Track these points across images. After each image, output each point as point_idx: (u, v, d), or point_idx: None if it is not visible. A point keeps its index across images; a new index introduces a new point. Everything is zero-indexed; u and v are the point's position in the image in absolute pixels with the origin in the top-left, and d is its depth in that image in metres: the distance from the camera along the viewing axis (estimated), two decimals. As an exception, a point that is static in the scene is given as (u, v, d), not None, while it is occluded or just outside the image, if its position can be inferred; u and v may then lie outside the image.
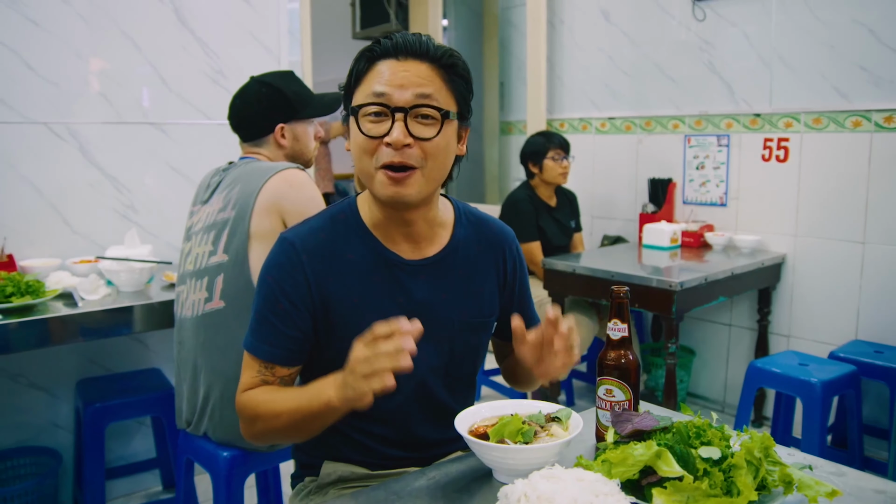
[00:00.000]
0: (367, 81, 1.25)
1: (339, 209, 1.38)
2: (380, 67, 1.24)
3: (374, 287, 1.33)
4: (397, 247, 1.35)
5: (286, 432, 1.29)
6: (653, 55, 3.94)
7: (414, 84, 1.22)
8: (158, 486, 2.93)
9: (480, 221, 1.47)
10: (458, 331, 1.40)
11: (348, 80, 1.30)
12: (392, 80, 1.22)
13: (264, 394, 1.30)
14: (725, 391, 3.79)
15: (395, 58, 1.23)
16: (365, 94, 1.24)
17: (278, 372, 1.33)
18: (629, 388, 1.25)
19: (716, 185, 3.72)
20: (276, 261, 1.32)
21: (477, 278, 1.43)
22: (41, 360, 2.72)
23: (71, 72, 2.74)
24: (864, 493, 1.10)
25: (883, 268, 3.11)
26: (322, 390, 1.19)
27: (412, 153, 1.22)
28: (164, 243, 2.97)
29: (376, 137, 1.22)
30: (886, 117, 3.07)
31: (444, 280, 1.38)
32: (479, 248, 1.44)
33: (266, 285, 1.32)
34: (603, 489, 0.98)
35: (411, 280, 1.35)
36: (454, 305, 1.39)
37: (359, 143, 1.25)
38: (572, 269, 3.25)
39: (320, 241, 1.32)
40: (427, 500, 1.12)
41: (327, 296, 1.31)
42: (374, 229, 1.35)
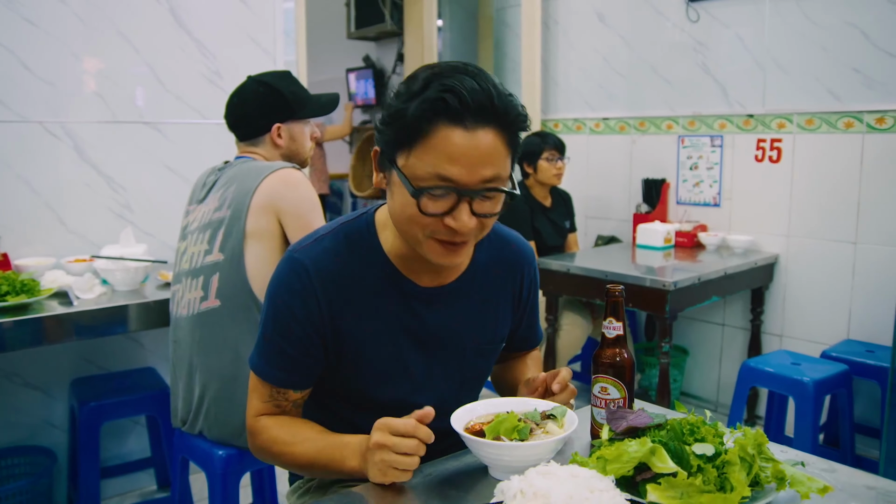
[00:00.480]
0: (427, 149, 1.10)
1: (354, 228, 1.31)
2: (444, 136, 1.09)
3: (387, 316, 1.29)
4: (415, 274, 1.30)
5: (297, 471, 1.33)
6: (647, 56, 3.96)
7: (483, 163, 1.11)
8: (153, 485, 2.92)
9: (501, 241, 1.42)
10: (469, 357, 1.39)
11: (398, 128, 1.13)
12: (461, 158, 1.10)
13: (281, 429, 1.30)
14: (718, 390, 3.81)
15: (463, 125, 1.09)
16: (426, 168, 1.11)
17: (290, 397, 1.32)
18: (624, 386, 1.26)
19: (709, 186, 3.74)
20: (289, 285, 1.26)
21: (492, 301, 1.40)
22: (36, 360, 2.72)
23: (67, 71, 2.74)
24: (855, 489, 1.12)
25: (875, 268, 3.14)
26: (346, 456, 1.20)
27: (471, 231, 1.16)
28: (159, 242, 2.97)
29: (439, 216, 1.14)
30: (878, 118, 3.09)
31: (460, 306, 1.35)
32: (497, 270, 1.40)
33: (276, 309, 1.27)
34: (598, 485, 0.99)
35: (425, 308, 1.31)
36: (467, 331, 1.37)
37: (410, 214, 1.15)
38: (567, 269, 3.26)
39: (334, 264, 1.26)
40: (424, 497, 1.13)
41: (339, 323, 1.27)
42: (392, 256, 1.29)
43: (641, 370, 3.85)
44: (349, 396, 1.35)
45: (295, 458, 1.27)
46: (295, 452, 1.27)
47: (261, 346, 1.30)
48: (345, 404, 1.37)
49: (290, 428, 1.30)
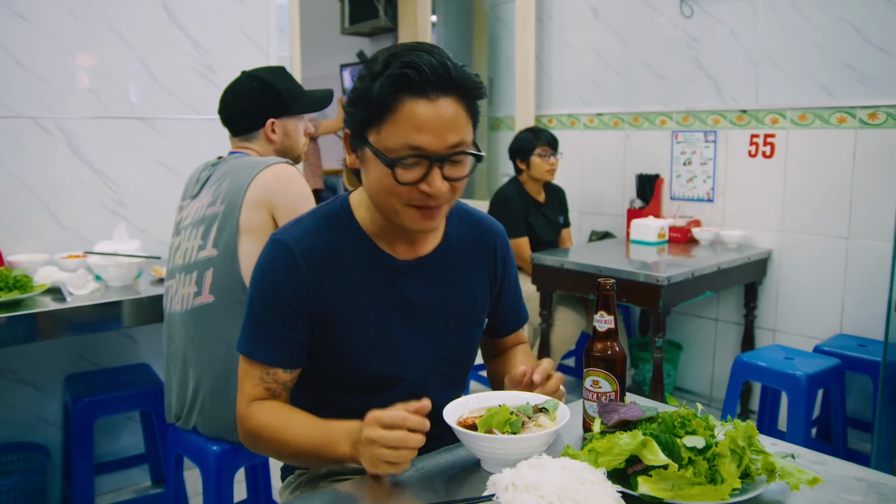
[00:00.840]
0: (396, 123, 1.18)
1: (331, 209, 1.37)
2: (410, 108, 1.17)
3: (369, 287, 1.33)
4: (392, 248, 1.36)
5: (287, 459, 1.33)
6: (641, 52, 3.96)
7: (448, 130, 1.19)
8: (147, 481, 2.92)
9: (472, 219, 1.48)
10: (451, 327, 1.42)
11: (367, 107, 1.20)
12: (427, 127, 1.17)
13: (272, 416, 1.30)
14: (712, 385, 3.83)
15: (426, 96, 1.17)
16: (397, 140, 1.18)
17: (280, 377, 1.33)
18: (616, 379, 1.26)
19: (703, 181, 3.74)
20: (273, 264, 1.30)
21: (469, 275, 1.44)
22: (29, 356, 2.71)
23: (59, 67, 2.73)
24: (845, 481, 1.13)
25: (867, 263, 3.15)
26: (337, 442, 1.20)
27: (444, 194, 1.22)
28: (152, 238, 2.97)
29: (413, 184, 1.20)
30: (871, 114, 3.10)
31: (438, 278, 1.39)
32: (470, 245, 1.45)
33: (262, 289, 1.31)
34: (589, 478, 0.99)
35: (405, 280, 1.36)
36: (447, 303, 1.40)
37: (386, 185, 1.21)
38: (560, 265, 3.27)
39: (315, 243, 1.32)
40: (416, 491, 1.13)
41: (323, 298, 1.31)
42: (369, 230, 1.35)
43: (635, 365, 3.86)
44: (337, 375, 1.37)
45: (286, 444, 1.28)
46: (286, 438, 1.27)
47: (248, 329, 1.33)
48: (333, 386, 1.38)
49: (281, 414, 1.31)
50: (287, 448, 1.28)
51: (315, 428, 1.26)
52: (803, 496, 1.07)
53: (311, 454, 1.26)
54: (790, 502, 1.06)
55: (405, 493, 1.12)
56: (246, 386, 1.33)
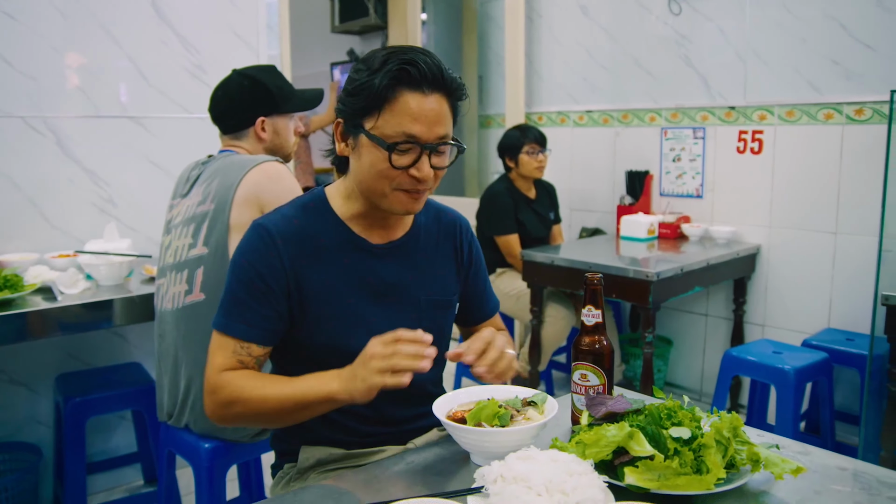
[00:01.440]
0: (394, 112, 1.29)
1: (308, 199, 1.46)
2: (407, 100, 1.28)
3: (345, 270, 1.41)
4: (366, 232, 1.44)
5: (268, 417, 1.33)
6: (630, 49, 3.98)
7: (437, 123, 1.31)
8: (140, 480, 2.92)
9: (438, 211, 1.59)
10: (424, 309, 1.49)
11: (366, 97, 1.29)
12: (421, 118, 1.29)
13: (248, 378, 1.33)
14: (702, 380, 3.85)
15: (421, 91, 1.29)
16: (394, 128, 1.28)
17: (254, 351, 1.36)
18: (603, 372, 1.28)
19: (692, 177, 3.77)
20: (251, 244, 1.37)
21: (438, 261, 1.53)
22: (20, 355, 2.71)
23: (48, 66, 2.72)
24: (828, 470, 1.14)
25: (854, 257, 3.18)
26: (324, 382, 1.26)
27: (429, 180, 1.34)
28: (143, 237, 2.97)
29: (405, 168, 1.31)
30: (857, 110, 3.13)
31: (410, 262, 1.48)
32: (437, 233, 1.55)
33: (240, 267, 1.37)
34: (577, 469, 1.00)
35: (379, 262, 1.44)
36: (420, 285, 1.49)
37: (381, 170, 1.31)
38: (551, 261, 3.28)
39: (293, 226, 1.40)
40: (406, 483, 1.14)
41: (301, 277, 1.37)
42: (344, 217, 1.43)
43: (626, 360, 3.88)
44: (316, 354, 1.40)
45: (266, 399, 1.30)
46: (266, 394, 1.30)
47: (225, 306, 1.37)
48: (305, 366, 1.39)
49: (259, 375, 1.35)
50: (267, 402, 1.30)
51: (299, 379, 1.30)
52: (787, 485, 1.09)
53: (295, 401, 1.28)
54: (774, 492, 1.08)
55: (395, 486, 1.13)
56: (217, 358, 1.36)
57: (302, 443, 1.47)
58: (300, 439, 1.47)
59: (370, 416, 1.44)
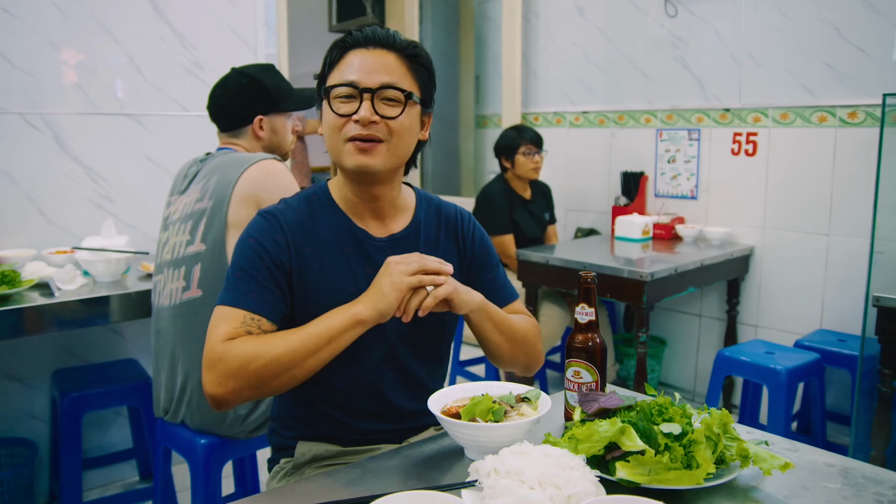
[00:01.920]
0: (339, 69, 1.37)
1: (311, 192, 1.49)
2: (351, 57, 1.37)
3: (345, 260, 1.43)
4: (366, 224, 1.46)
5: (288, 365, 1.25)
6: (626, 50, 4.00)
7: (380, 71, 1.35)
8: (135, 476, 2.93)
9: (438, 205, 1.60)
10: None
11: (322, 68, 1.42)
12: (361, 66, 1.35)
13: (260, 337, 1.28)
14: (696, 380, 3.87)
15: (365, 48, 1.37)
16: (335, 80, 1.37)
17: (264, 325, 1.31)
18: (596, 369, 1.29)
19: (686, 179, 3.79)
20: (258, 226, 1.40)
21: (439, 254, 1.52)
22: (17, 351, 2.72)
23: (46, 62, 2.73)
24: (815, 466, 1.16)
25: (846, 259, 3.21)
26: (347, 308, 1.30)
27: (378, 128, 1.35)
28: (140, 234, 2.98)
29: (346, 115, 1.34)
30: (850, 113, 3.15)
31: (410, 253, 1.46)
32: (438, 228, 1.55)
33: (248, 246, 1.37)
34: (569, 463, 1.02)
35: (380, 255, 1.43)
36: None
37: (329, 121, 1.37)
38: (546, 261, 3.30)
39: (297, 215, 1.42)
40: (401, 478, 1.16)
41: (304, 264, 1.39)
42: (345, 208, 1.46)
43: (620, 360, 3.90)
44: None
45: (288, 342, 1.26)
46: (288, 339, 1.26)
47: (231, 282, 1.34)
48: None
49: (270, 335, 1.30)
50: (291, 345, 1.25)
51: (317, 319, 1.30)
52: (775, 480, 1.11)
53: (320, 336, 1.25)
54: (763, 487, 1.09)
55: (391, 479, 1.15)
56: (221, 328, 1.29)
57: (299, 439, 1.48)
58: (297, 435, 1.48)
59: (368, 410, 1.44)
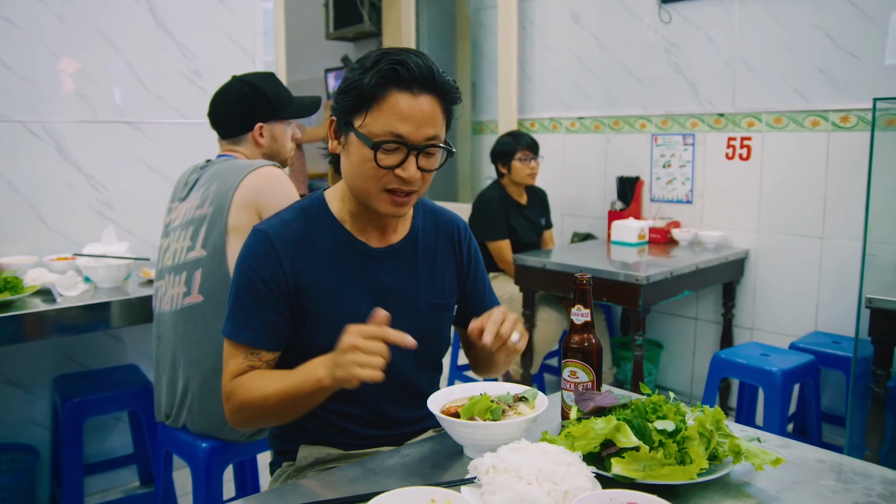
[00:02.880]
0: (382, 111, 1.30)
1: (308, 203, 1.48)
2: (396, 100, 1.29)
3: (344, 272, 1.42)
4: (365, 236, 1.46)
5: (274, 413, 1.36)
6: (621, 56, 4.04)
7: (427, 124, 1.31)
8: (136, 481, 2.94)
9: (435, 212, 1.60)
10: (422, 312, 1.50)
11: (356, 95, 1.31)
12: (409, 118, 1.29)
13: (253, 379, 1.36)
14: (692, 383, 3.90)
15: (411, 91, 1.30)
16: (381, 127, 1.29)
17: (264, 357, 1.40)
18: (592, 369, 1.32)
19: (682, 183, 3.82)
20: (252, 251, 1.39)
21: (437, 263, 1.54)
22: (18, 357, 2.73)
23: (47, 70, 2.76)
24: (806, 462, 1.19)
25: (840, 262, 3.24)
26: (312, 371, 1.27)
27: (416, 182, 1.34)
28: (140, 240, 3.00)
29: (391, 168, 1.31)
30: (843, 117, 3.19)
31: (408, 265, 1.49)
32: (436, 236, 1.56)
33: (243, 274, 1.39)
34: (566, 460, 1.05)
35: (378, 266, 1.45)
36: (418, 288, 1.49)
37: (367, 168, 1.32)
38: (542, 265, 3.33)
39: (293, 231, 1.41)
40: (401, 476, 1.18)
41: (301, 281, 1.39)
42: (343, 221, 1.45)
43: (617, 364, 3.92)
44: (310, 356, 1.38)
45: (269, 397, 1.32)
46: (268, 392, 1.32)
47: (232, 314, 1.40)
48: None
49: (264, 373, 1.38)
50: (271, 399, 1.32)
51: (291, 372, 1.32)
52: (767, 476, 1.13)
53: (293, 395, 1.30)
54: (755, 482, 1.12)
55: (391, 478, 1.17)
56: (231, 366, 1.39)
57: (301, 443, 1.50)
58: (299, 439, 1.50)
59: (368, 419, 1.46)
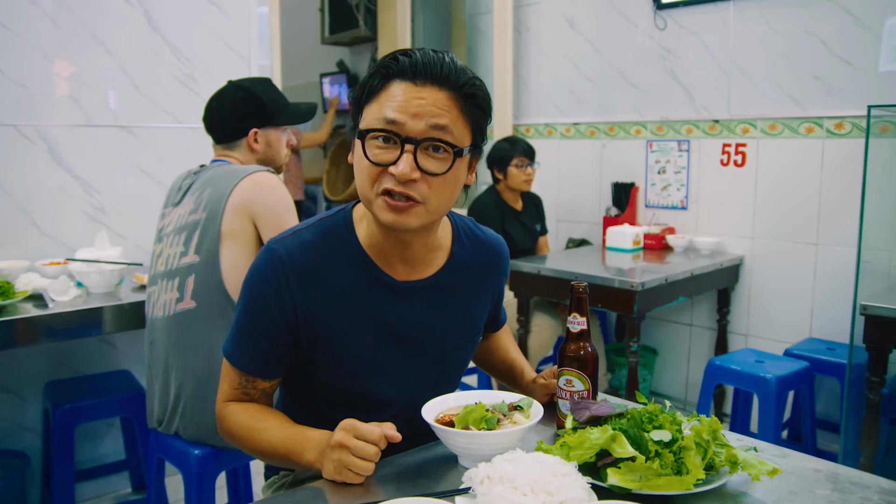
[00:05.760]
0: (379, 102, 1.17)
1: (333, 223, 1.32)
2: (394, 89, 1.16)
3: (364, 308, 1.29)
4: (392, 268, 1.31)
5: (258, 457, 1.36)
6: (616, 62, 4.04)
7: (429, 114, 1.15)
8: (128, 487, 2.92)
9: (479, 241, 1.44)
10: (448, 351, 1.40)
11: (359, 94, 1.22)
12: (406, 106, 1.15)
13: (248, 416, 1.34)
14: (687, 389, 3.89)
15: (413, 81, 1.16)
16: (375, 117, 1.17)
17: (259, 385, 1.35)
18: (588, 378, 1.31)
19: (677, 189, 3.82)
20: (263, 273, 1.27)
21: (472, 297, 1.42)
22: (9, 362, 2.71)
23: (40, 74, 2.74)
24: (803, 472, 1.18)
25: (835, 268, 3.24)
26: (305, 449, 1.23)
27: (417, 186, 1.17)
28: (133, 245, 2.98)
29: (382, 165, 1.16)
30: (837, 124, 3.19)
31: (438, 301, 1.36)
32: (477, 267, 1.42)
33: (250, 296, 1.29)
34: (561, 470, 1.04)
35: (403, 302, 1.32)
36: (446, 326, 1.38)
37: (362, 167, 1.19)
38: (537, 271, 3.32)
39: (310, 258, 1.27)
40: (395, 485, 1.17)
41: (314, 315, 1.28)
42: (368, 248, 1.30)
43: (612, 370, 3.92)
44: (328, 391, 1.37)
45: (258, 444, 1.31)
46: (258, 439, 1.31)
47: (234, 333, 1.34)
48: (325, 401, 1.39)
49: (257, 415, 1.34)
50: (258, 448, 1.32)
51: (287, 433, 1.29)
52: (764, 486, 1.12)
53: (279, 457, 1.29)
54: (752, 492, 1.11)
55: (385, 488, 1.16)
56: (225, 385, 1.37)
57: None
58: None
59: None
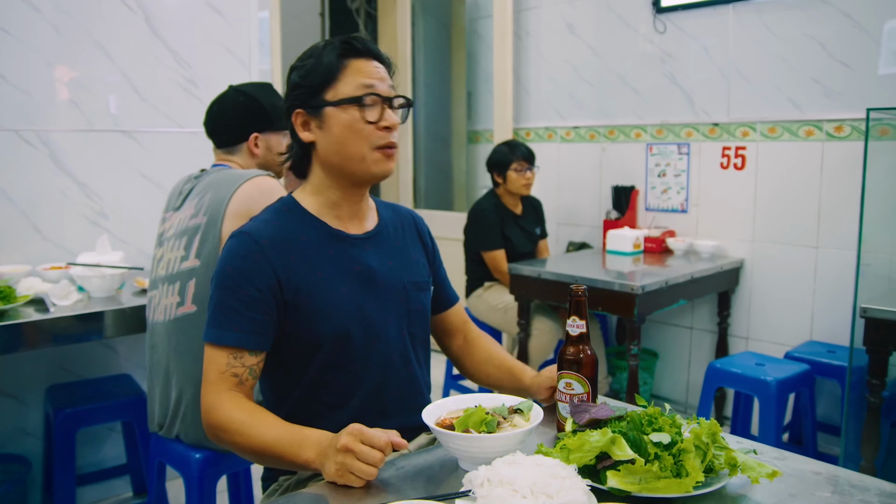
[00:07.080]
0: (347, 77, 1.42)
1: (280, 205, 1.51)
2: (357, 65, 1.42)
3: (331, 260, 1.46)
4: (343, 225, 1.51)
5: (248, 455, 1.35)
6: (616, 66, 4.05)
7: (386, 80, 1.45)
8: (129, 491, 2.93)
9: (391, 206, 1.69)
10: (409, 291, 1.56)
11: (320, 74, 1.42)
12: (374, 76, 1.42)
13: (240, 410, 1.33)
14: (688, 392, 3.90)
15: (366, 58, 1.43)
16: (355, 87, 1.41)
17: (247, 361, 1.37)
18: (587, 381, 1.32)
19: (676, 192, 3.83)
20: (236, 252, 1.40)
21: (408, 249, 1.62)
22: (10, 367, 2.72)
23: (42, 79, 2.75)
24: (803, 475, 1.19)
25: (835, 271, 3.24)
26: (304, 446, 1.25)
27: (396, 134, 1.45)
28: (135, 250, 2.99)
29: (376, 122, 1.41)
30: (837, 127, 3.20)
31: (386, 249, 1.56)
32: (399, 225, 1.64)
33: (226, 276, 1.38)
34: (561, 473, 1.04)
35: (360, 251, 1.50)
36: (400, 270, 1.56)
37: (356, 129, 1.41)
38: (538, 275, 3.32)
39: (275, 230, 1.43)
40: (396, 488, 1.17)
41: (293, 275, 1.41)
42: (319, 214, 1.49)
43: (612, 373, 3.92)
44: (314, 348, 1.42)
45: (249, 439, 1.30)
46: (250, 434, 1.30)
47: (214, 319, 1.38)
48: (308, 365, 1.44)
49: (249, 410, 1.34)
50: (250, 443, 1.31)
51: (282, 429, 1.30)
52: (763, 489, 1.13)
53: (273, 454, 1.29)
54: (751, 495, 1.11)
55: (385, 491, 1.16)
56: (211, 374, 1.37)
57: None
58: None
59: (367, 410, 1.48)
